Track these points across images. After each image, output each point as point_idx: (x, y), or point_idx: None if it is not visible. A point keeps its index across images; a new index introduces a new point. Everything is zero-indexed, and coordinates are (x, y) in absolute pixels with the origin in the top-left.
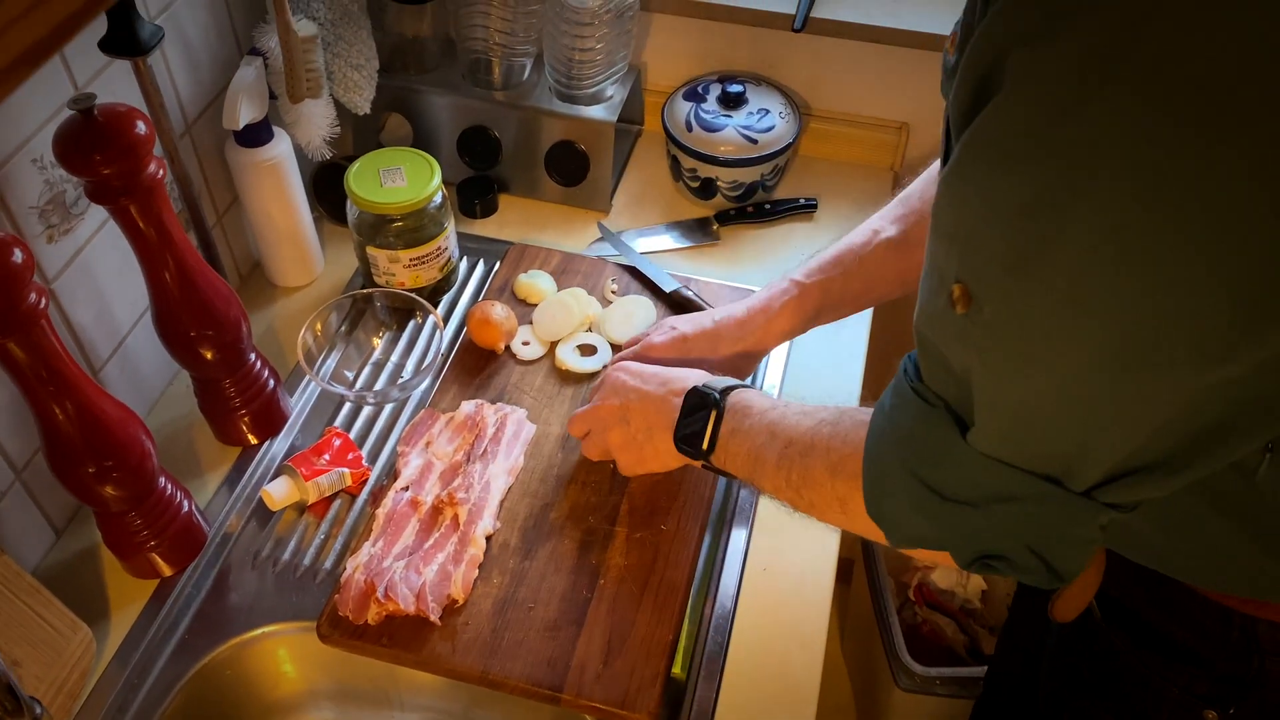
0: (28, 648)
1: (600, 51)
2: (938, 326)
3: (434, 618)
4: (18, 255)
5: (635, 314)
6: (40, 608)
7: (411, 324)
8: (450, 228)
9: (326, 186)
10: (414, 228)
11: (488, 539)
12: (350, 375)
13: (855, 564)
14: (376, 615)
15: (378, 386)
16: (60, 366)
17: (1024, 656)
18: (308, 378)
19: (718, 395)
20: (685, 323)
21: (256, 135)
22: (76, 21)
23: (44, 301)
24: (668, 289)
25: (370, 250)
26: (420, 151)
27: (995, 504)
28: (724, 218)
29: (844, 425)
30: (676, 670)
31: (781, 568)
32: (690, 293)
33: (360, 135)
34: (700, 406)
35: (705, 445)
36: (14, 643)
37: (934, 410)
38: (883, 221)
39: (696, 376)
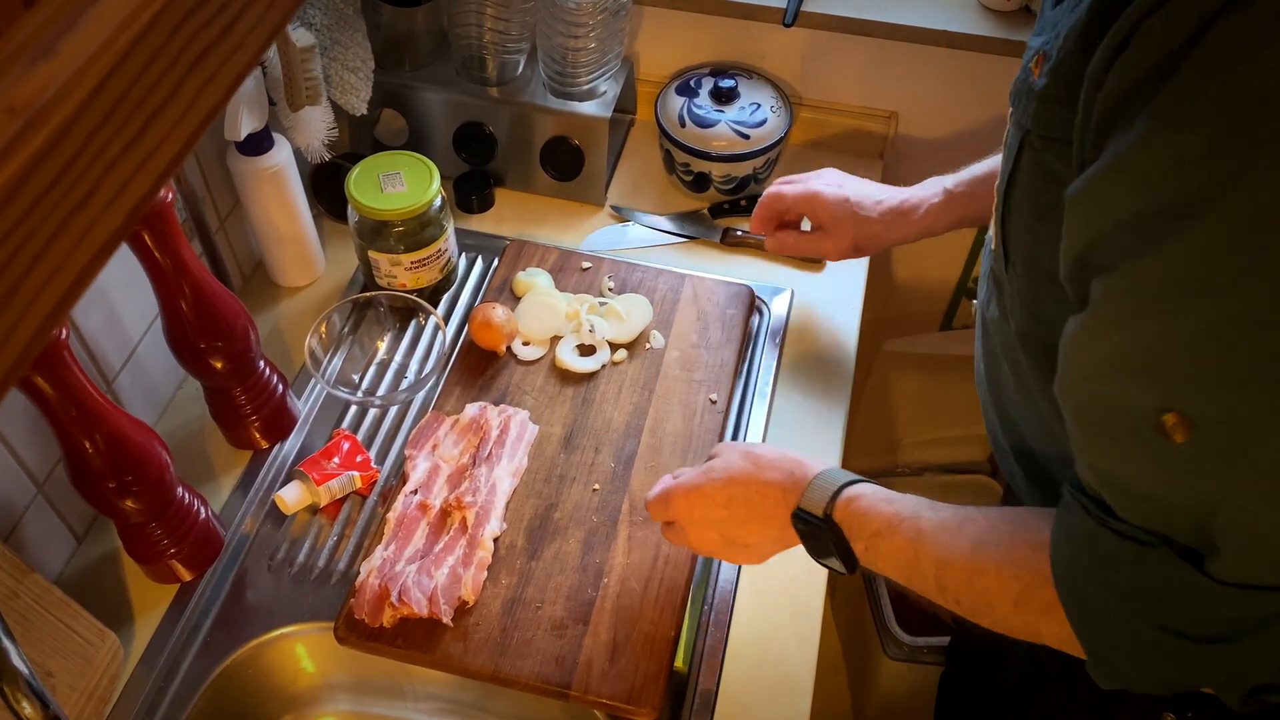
0: (60, 659)
1: (594, 49)
2: (1141, 464)
3: (446, 620)
4: None
5: (632, 312)
6: (69, 620)
7: (414, 324)
8: (450, 229)
9: (325, 184)
10: (414, 231)
11: (495, 541)
12: (355, 377)
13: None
14: (391, 618)
15: (382, 388)
16: (81, 394)
17: (986, 637)
18: (315, 381)
19: (822, 521)
20: (851, 185)
21: (258, 144)
22: (116, 240)
23: (65, 333)
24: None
25: (372, 254)
26: (419, 155)
27: (1256, 632)
28: (717, 211)
29: (1018, 552)
30: (679, 664)
31: (777, 564)
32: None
33: (356, 132)
34: (812, 535)
35: (847, 569)
36: (47, 655)
37: (1154, 550)
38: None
39: (799, 470)
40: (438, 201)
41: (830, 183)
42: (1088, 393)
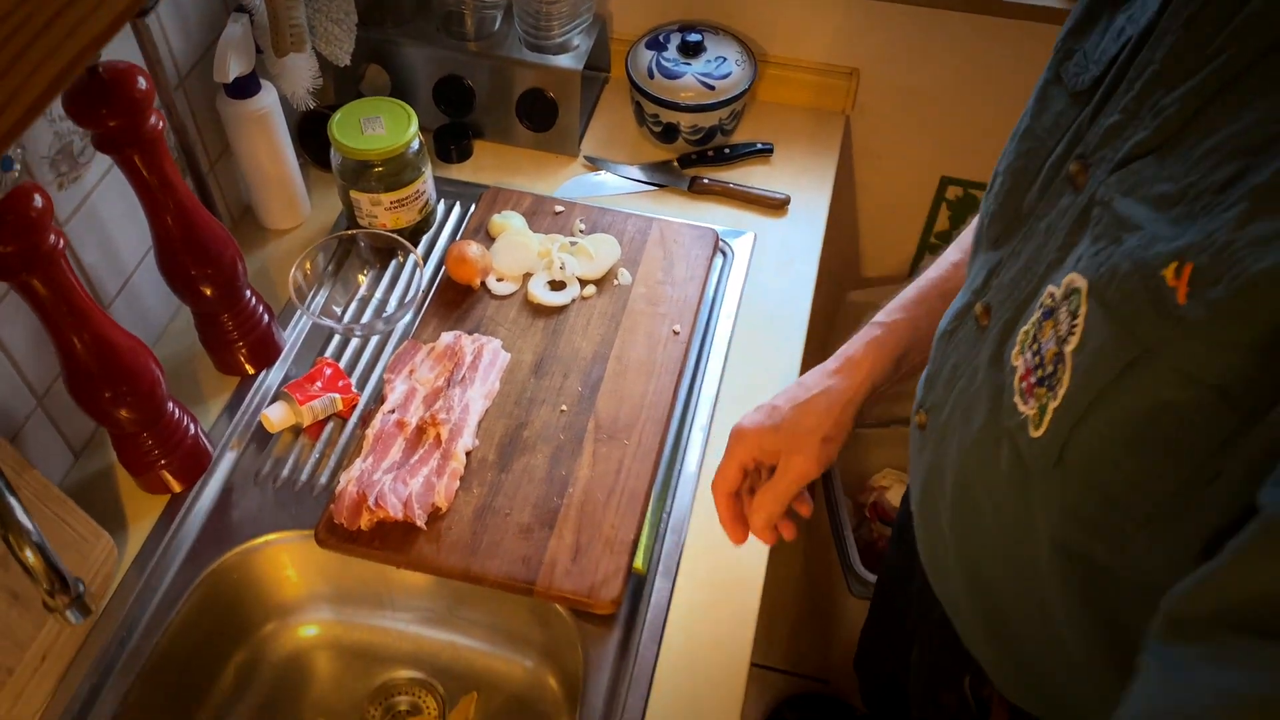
0: (59, 551)
1: (566, 4)
2: None
3: (420, 523)
4: (38, 200)
5: (600, 251)
6: (67, 515)
7: (394, 263)
8: (427, 172)
9: (310, 134)
10: (394, 172)
11: (467, 454)
12: (338, 310)
13: (815, 485)
14: (368, 522)
15: (364, 320)
16: (77, 301)
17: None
18: (299, 312)
19: None
20: (776, 396)
21: (245, 87)
22: (99, 43)
23: (62, 242)
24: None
25: (353, 194)
26: (398, 101)
27: None
28: (686, 161)
29: None
30: (638, 565)
31: None
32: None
33: (341, 85)
34: None
35: None
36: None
37: None
38: (959, 253)
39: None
40: (415, 144)
41: (753, 425)
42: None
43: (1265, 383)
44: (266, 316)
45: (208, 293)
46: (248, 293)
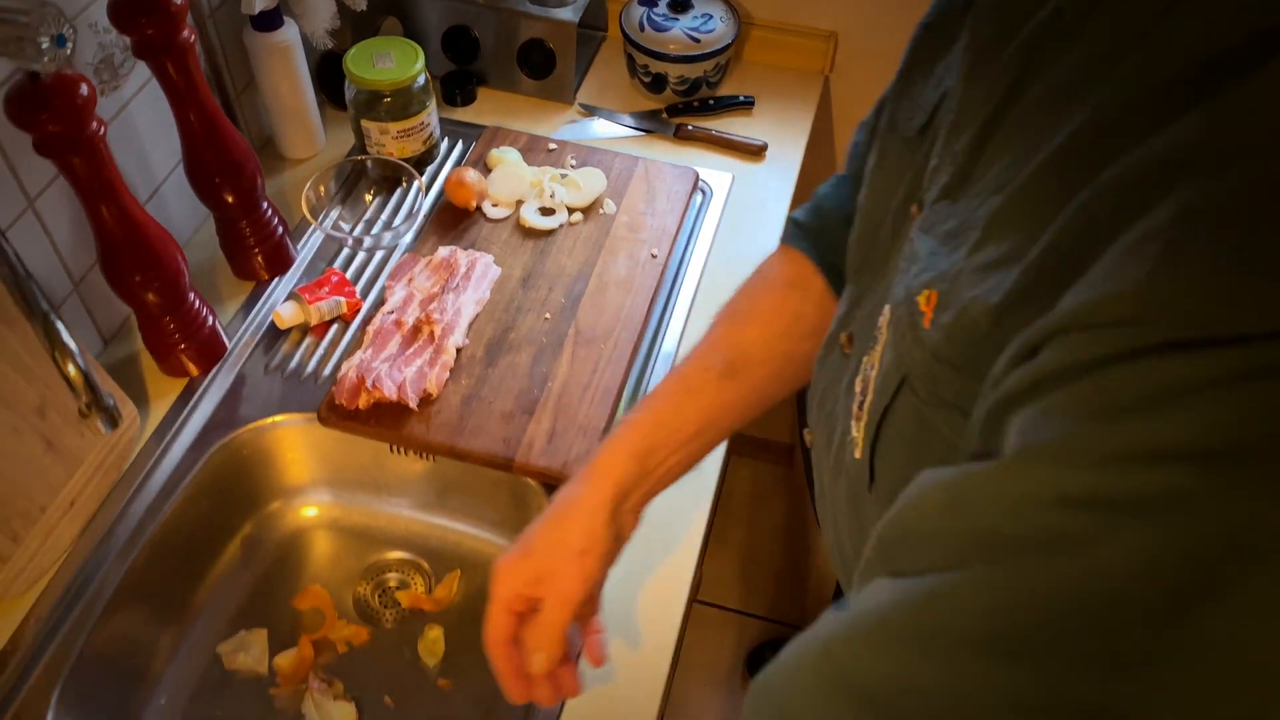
0: None
1: None
2: None
3: (413, 404)
4: (84, 89)
5: (588, 183)
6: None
7: (399, 190)
8: (432, 106)
9: (328, 75)
10: (401, 104)
11: (458, 351)
12: (346, 228)
13: (794, 449)
14: (366, 402)
15: (370, 236)
16: (114, 187)
17: None
18: (312, 229)
19: None
20: (530, 525)
21: (270, 20)
22: None
23: (103, 129)
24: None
25: (364, 123)
26: (408, 40)
27: None
28: (673, 110)
29: None
30: None
31: None
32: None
33: (358, 32)
34: None
35: None
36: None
37: None
38: (711, 349)
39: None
40: (421, 79)
41: (506, 558)
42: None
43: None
44: (281, 228)
45: (229, 199)
46: (265, 204)
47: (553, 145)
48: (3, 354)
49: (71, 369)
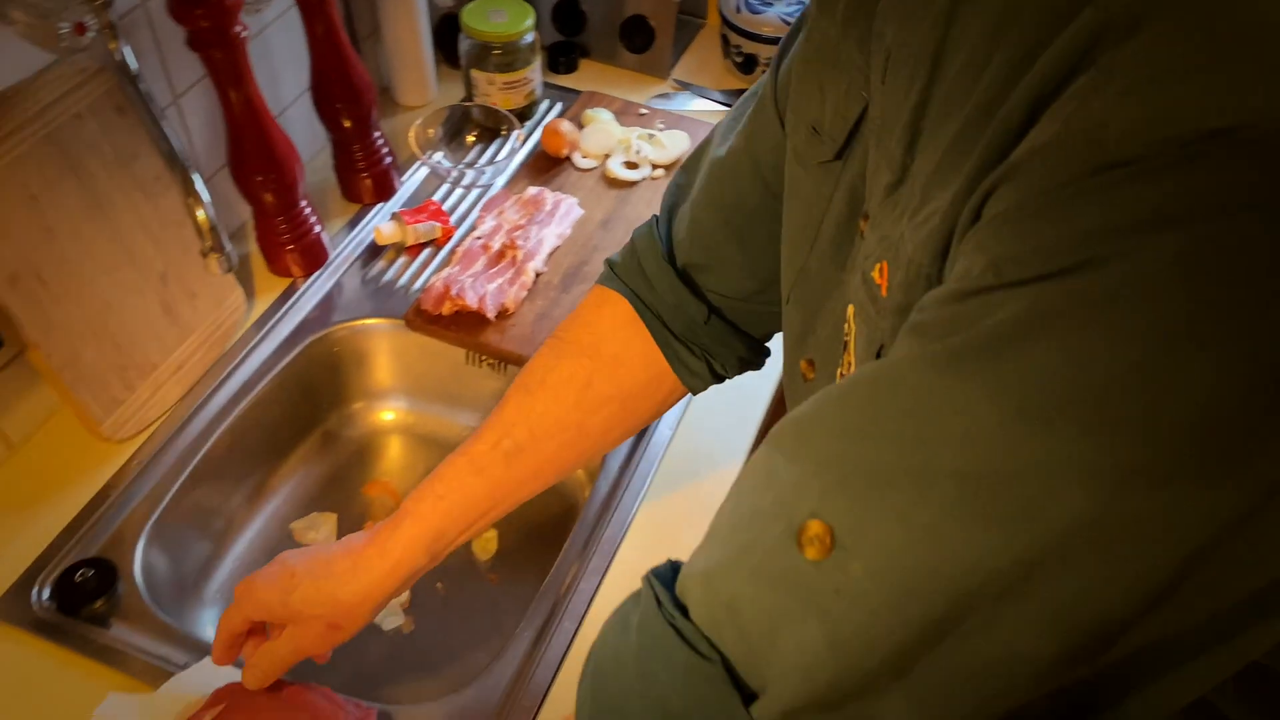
0: (204, 287)
1: None
2: (755, 575)
3: (490, 315)
4: None
5: (673, 143)
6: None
7: (499, 139)
8: (536, 64)
9: (444, 35)
10: (508, 58)
11: (536, 275)
12: (448, 164)
13: None
14: (449, 309)
15: (468, 173)
16: (249, 88)
17: None
18: (418, 161)
19: None
20: (296, 556)
21: None
22: None
23: (245, 32)
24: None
25: (473, 73)
26: (521, 0)
27: None
28: None
29: None
30: None
31: None
32: None
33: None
34: None
35: None
36: (193, 279)
37: (709, 666)
38: (500, 427)
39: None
40: (529, 36)
41: (263, 587)
42: (759, 469)
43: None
44: (390, 158)
45: (346, 124)
46: (377, 134)
47: (644, 110)
48: (139, 222)
49: (201, 214)
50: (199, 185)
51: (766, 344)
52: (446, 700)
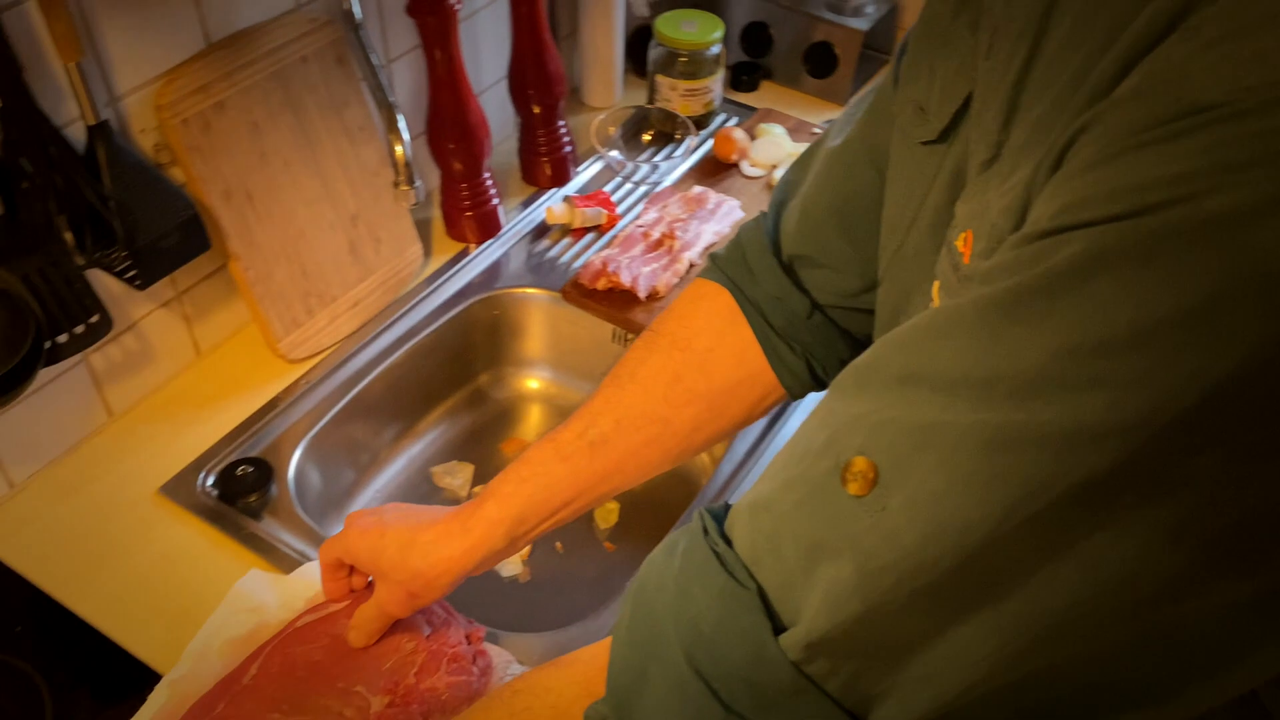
0: (389, 233)
1: None
2: (799, 507)
3: (641, 295)
4: None
5: None
6: (403, 215)
7: (673, 143)
8: (719, 75)
9: (634, 46)
10: (693, 66)
11: (690, 264)
12: (622, 158)
13: None
14: (604, 285)
15: (641, 170)
16: (454, 58)
17: None
18: (596, 155)
19: None
20: (395, 514)
21: None
22: None
23: (459, 5)
24: None
25: (659, 77)
26: (712, 14)
27: (769, 713)
28: None
29: None
30: None
31: None
32: None
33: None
34: None
35: None
36: (381, 225)
37: (744, 592)
38: (589, 416)
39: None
40: (715, 49)
41: (358, 537)
42: (827, 404)
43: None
44: (570, 147)
45: (536, 110)
46: (562, 123)
47: (817, 129)
48: (340, 165)
49: (399, 149)
50: (402, 125)
51: None
52: (549, 634)
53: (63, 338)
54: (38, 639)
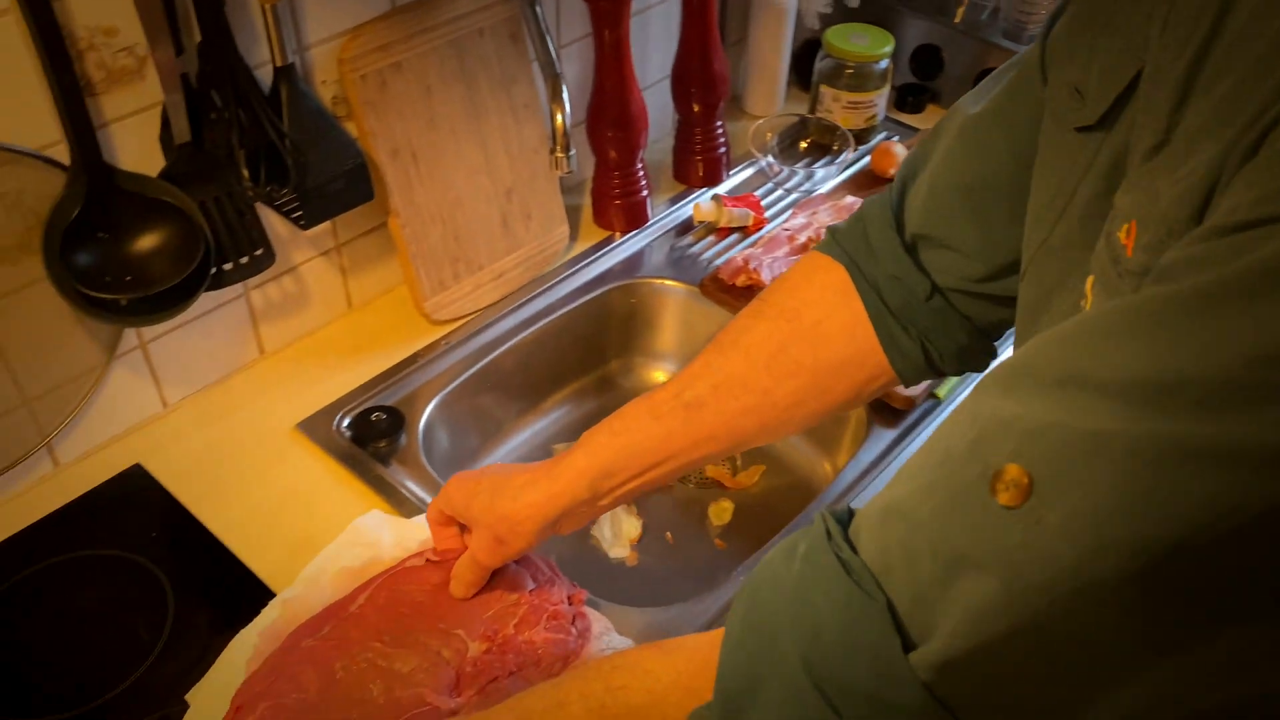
0: (540, 214)
1: (1046, 3)
2: (938, 514)
3: None
4: None
5: None
6: (554, 195)
7: (830, 154)
8: (884, 91)
9: (800, 58)
10: (858, 80)
11: None
12: (777, 165)
13: None
14: (743, 281)
15: (795, 177)
16: (622, 46)
17: None
18: (751, 160)
19: None
20: (496, 467)
21: None
22: None
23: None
24: None
25: (823, 88)
26: (884, 30)
27: None
28: None
29: None
30: (939, 392)
31: None
32: None
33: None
34: None
35: None
36: (533, 204)
37: (871, 603)
38: (687, 378)
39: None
40: (883, 63)
41: (458, 487)
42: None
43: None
44: (724, 149)
45: (696, 108)
46: (719, 124)
47: None
48: (502, 139)
49: (559, 119)
50: (565, 96)
51: (994, 343)
52: (649, 610)
53: (228, 265)
54: (169, 546)
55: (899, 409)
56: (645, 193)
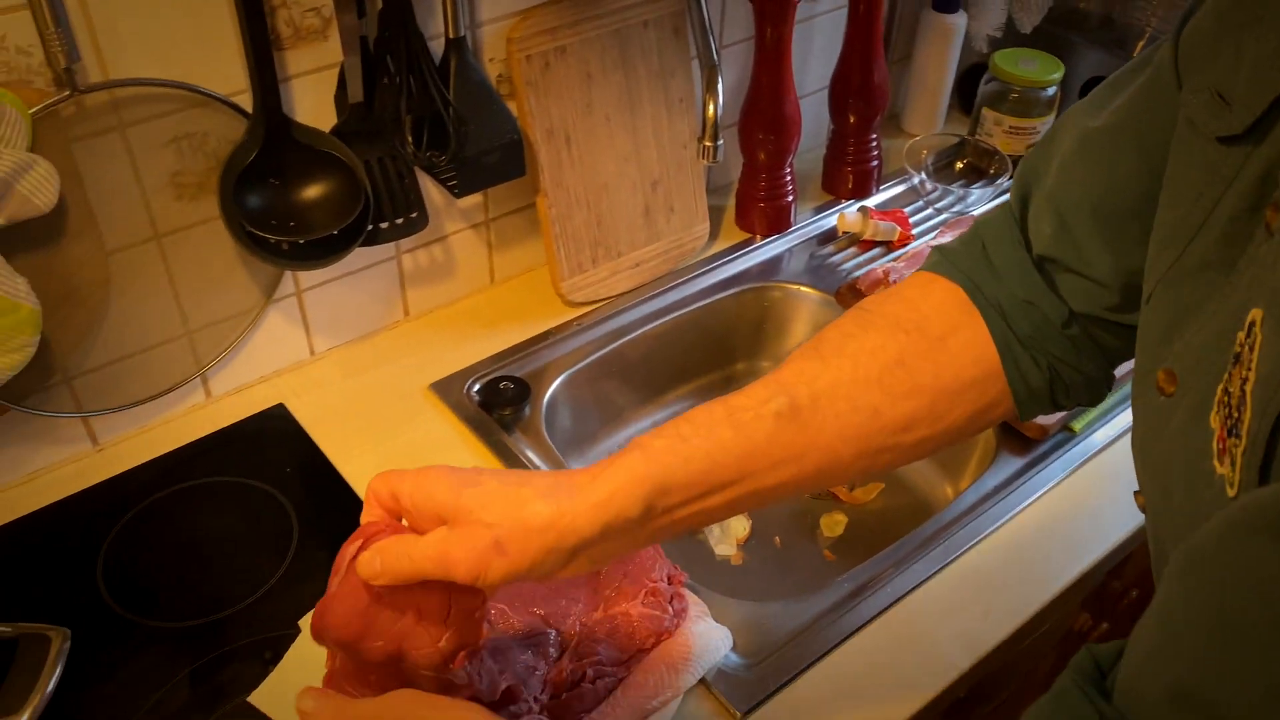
0: (681, 207)
1: None
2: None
3: None
4: None
5: None
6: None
7: (986, 178)
8: (1049, 119)
9: (964, 81)
10: (1024, 105)
11: None
12: (929, 184)
13: None
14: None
15: (946, 198)
16: (784, 48)
17: None
18: (902, 177)
19: None
20: (493, 472)
21: (950, 4)
22: None
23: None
24: None
25: (985, 110)
26: (1054, 57)
27: None
28: None
29: None
30: (1075, 426)
31: None
32: None
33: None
34: None
35: None
36: (676, 194)
37: None
38: (776, 385)
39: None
40: (1051, 90)
41: (440, 473)
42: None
43: None
44: (876, 161)
45: (851, 119)
46: (874, 136)
47: None
48: (654, 131)
49: (710, 110)
50: (719, 87)
51: (1113, 372)
52: (748, 603)
53: (384, 224)
54: (301, 483)
55: (1031, 438)
56: (791, 198)
